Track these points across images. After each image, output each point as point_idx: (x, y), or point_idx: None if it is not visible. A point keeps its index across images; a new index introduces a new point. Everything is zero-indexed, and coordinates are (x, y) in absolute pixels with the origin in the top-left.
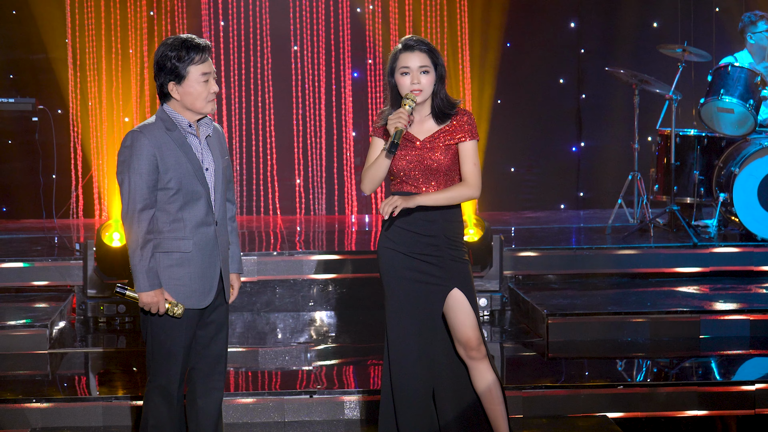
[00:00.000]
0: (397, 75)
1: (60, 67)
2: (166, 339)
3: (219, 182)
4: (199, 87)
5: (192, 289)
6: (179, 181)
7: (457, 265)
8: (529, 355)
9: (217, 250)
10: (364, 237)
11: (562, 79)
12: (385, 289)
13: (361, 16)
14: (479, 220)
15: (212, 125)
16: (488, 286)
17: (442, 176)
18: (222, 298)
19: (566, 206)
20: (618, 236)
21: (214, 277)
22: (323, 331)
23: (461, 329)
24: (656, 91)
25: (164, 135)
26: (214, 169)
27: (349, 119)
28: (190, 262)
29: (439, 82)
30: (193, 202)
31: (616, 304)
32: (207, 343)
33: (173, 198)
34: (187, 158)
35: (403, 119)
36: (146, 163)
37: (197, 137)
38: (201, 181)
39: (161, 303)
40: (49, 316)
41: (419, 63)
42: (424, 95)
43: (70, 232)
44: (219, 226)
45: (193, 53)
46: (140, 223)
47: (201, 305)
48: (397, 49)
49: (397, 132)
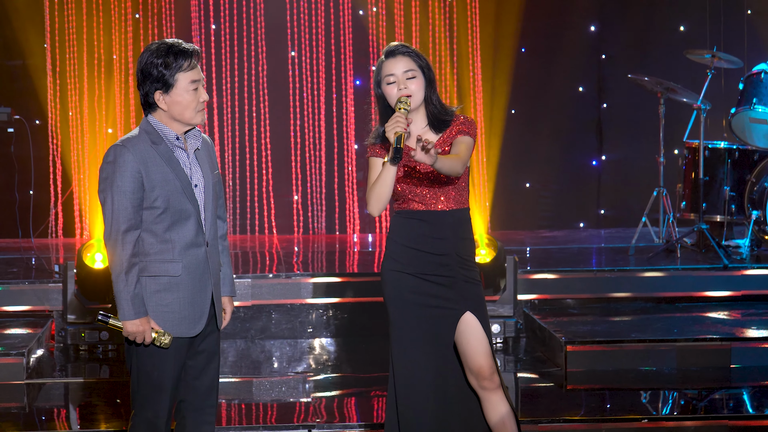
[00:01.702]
0: (383, 85)
1: (38, 74)
2: (153, 370)
3: (209, 199)
4: (188, 96)
5: (181, 316)
6: (166, 199)
7: (469, 287)
8: (545, 386)
9: (208, 273)
10: (367, 258)
11: (582, 87)
12: (390, 314)
13: (364, 18)
14: (491, 239)
15: (201, 137)
16: (501, 311)
17: (452, 188)
18: (213, 324)
19: (586, 225)
20: (642, 257)
21: (205, 302)
22: (323, 359)
23: (473, 357)
24: (683, 101)
25: (150, 149)
26: (204, 185)
27: (351, 130)
28: (179, 287)
29: (429, 87)
30: (181, 222)
31: (641, 331)
32: (197, 374)
33: (160, 218)
34: (175, 174)
35: (401, 123)
36: (130, 180)
37: (185, 151)
38: (190, 198)
39: (147, 332)
40: (26, 344)
41: (404, 68)
42: (416, 101)
43: (49, 253)
44: (210, 247)
45: (181, 59)
46: (124, 246)
47: (191, 333)
48: (380, 60)
49: (397, 137)
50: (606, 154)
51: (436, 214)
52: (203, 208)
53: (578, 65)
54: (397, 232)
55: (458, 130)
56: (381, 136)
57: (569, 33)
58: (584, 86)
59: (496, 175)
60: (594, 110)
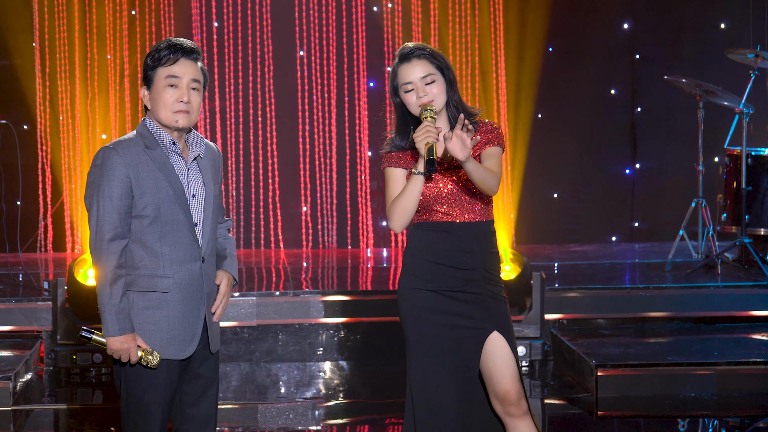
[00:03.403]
0: (401, 93)
1: (26, 75)
2: (143, 394)
3: (209, 212)
4: (163, 92)
5: (171, 336)
6: (156, 207)
7: (496, 304)
8: (575, 413)
9: (202, 292)
10: (382, 274)
11: (614, 90)
12: (408, 335)
13: (379, 15)
14: (516, 254)
15: (203, 144)
16: (527, 332)
17: (478, 199)
18: (207, 349)
19: (618, 239)
20: (679, 274)
21: (197, 323)
22: (334, 384)
23: (500, 381)
24: (724, 104)
25: (142, 153)
26: (205, 196)
27: (365, 136)
28: (168, 305)
29: (450, 88)
30: (173, 234)
31: (678, 354)
32: (194, 401)
33: (150, 228)
34: (168, 181)
35: (432, 132)
36: (118, 185)
37: (183, 158)
38: (183, 208)
39: (132, 350)
40: (12, 367)
41: (421, 73)
42: (438, 105)
43: (38, 269)
44: (206, 264)
45: (165, 53)
46: (109, 256)
47: (181, 355)
48: (395, 64)
49: (429, 148)
50: (640, 162)
51: (462, 226)
52: (201, 222)
53: (610, 66)
54: (417, 245)
55: (486, 139)
56: (397, 145)
57: (600, 31)
58: (617, 88)
59: (521, 184)
60: (627, 114)
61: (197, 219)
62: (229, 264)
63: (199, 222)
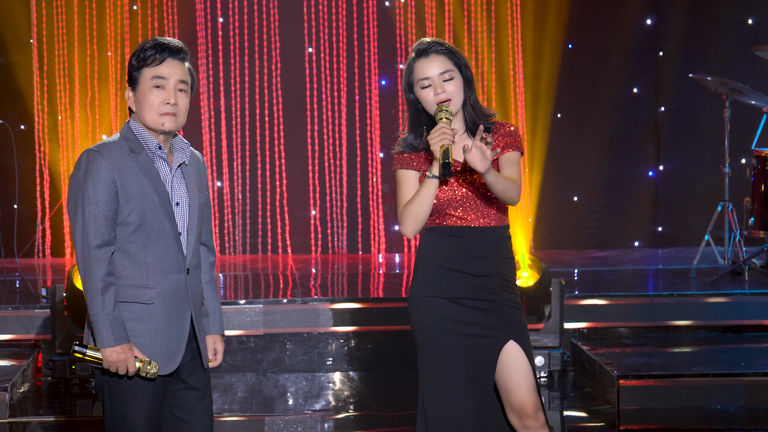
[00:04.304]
0: (416, 89)
1: (23, 72)
2: (128, 411)
3: (193, 221)
4: (148, 94)
5: (154, 350)
6: (141, 214)
7: (512, 312)
8: (595, 425)
9: (187, 304)
10: (394, 281)
11: (636, 89)
12: (419, 345)
13: (391, 10)
14: (534, 260)
15: (189, 150)
16: (546, 342)
17: (494, 202)
18: (198, 361)
19: (641, 244)
20: (705, 281)
21: (182, 336)
22: (344, 396)
23: (516, 392)
24: (752, 103)
25: (127, 157)
26: (189, 204)
27: (376, 136)
28: (151, 317)
29: (468, 88)
30: (158, 242)
31: (703, 364)
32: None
33: (134, 235)
34: (154, 187)
35: (447, 134)
36: (104, 190)
37: (168, 163)
38: (169, 216)
39: (130, 361)
40: (9, 378)
41: (439, 68)
42: (455, 105)
43: (35, 275)
44: (191, 276)
45: (151, 52)
46: (98, 263)
47: (164, 371)
48: (410, 59)
49: (444, 151)
50: (664, 164)
51: (477, 231)
52: (186, 230)
53: (632, 63)
54: (429, 250)
55: (504, 143)
56: (410, 145)
57: (622, 27)
58: (639, 87)
59: (539, 187)
60: (650, 114)
61: (181, 228)
62: (217, 327)
63: (184, 231)
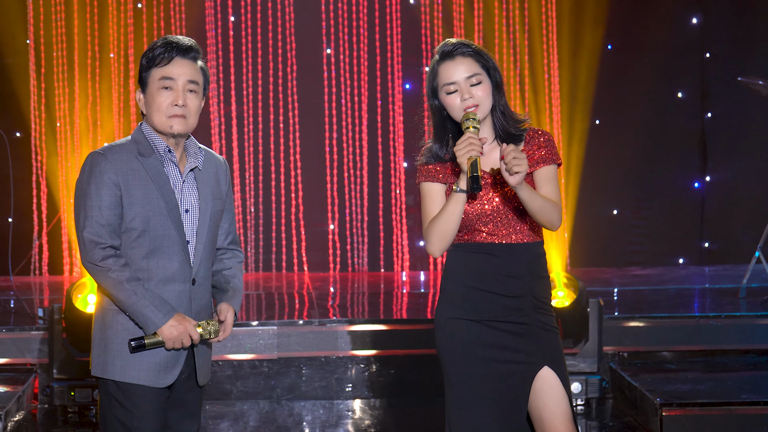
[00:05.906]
0: (441, 95)
1: (19, 76)
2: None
3: (204, 230)
4: (157, 95)
5: (151, 362)
6: (145, 220)
7: (547, 336)
8: None
9: (190, 316)
10: (419, 301)
11: (681, 93)
12: (446, 371)
13: (416, 8)
14: (571, 278)
15: (203, 154)
16: (583, 367)
17: (528, 217)
18: (193, 380)
19: (686, 261)
20: (755, 301)
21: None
22: (364, 425)
23: (551, 422)
24: None
25: (134, 161)
26: (200, 211)
27: (399, 145)
28: None
29: (497, 92)
30: (162, 250)
31: (753, 391)
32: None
33: (137, 242)
34: (160, 193)
35: (476, 145)
36: (108, 194)
37: (179, 168)
38: (176, 223)
39: (191, 328)
40: (3, 405)
41: (466, 72)
42: (483, 111)
43: (32, 294)
44: (197, 286)
45: (159, 51)
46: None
47: (160, 383)
48: (434, 62)
49: (472, 164)
50: (711, 175)
51: (509, 248)
52: (195, 239)
53: (677, 66)
54: (457, 269)
55: (539, 157)
56: (435, 155)
57: (666, 26)
58: (684, 91)
59: (576, 199)
60: (696, 120)
61: (190, 236)
62: (231, 297)
63: (192, 239)
